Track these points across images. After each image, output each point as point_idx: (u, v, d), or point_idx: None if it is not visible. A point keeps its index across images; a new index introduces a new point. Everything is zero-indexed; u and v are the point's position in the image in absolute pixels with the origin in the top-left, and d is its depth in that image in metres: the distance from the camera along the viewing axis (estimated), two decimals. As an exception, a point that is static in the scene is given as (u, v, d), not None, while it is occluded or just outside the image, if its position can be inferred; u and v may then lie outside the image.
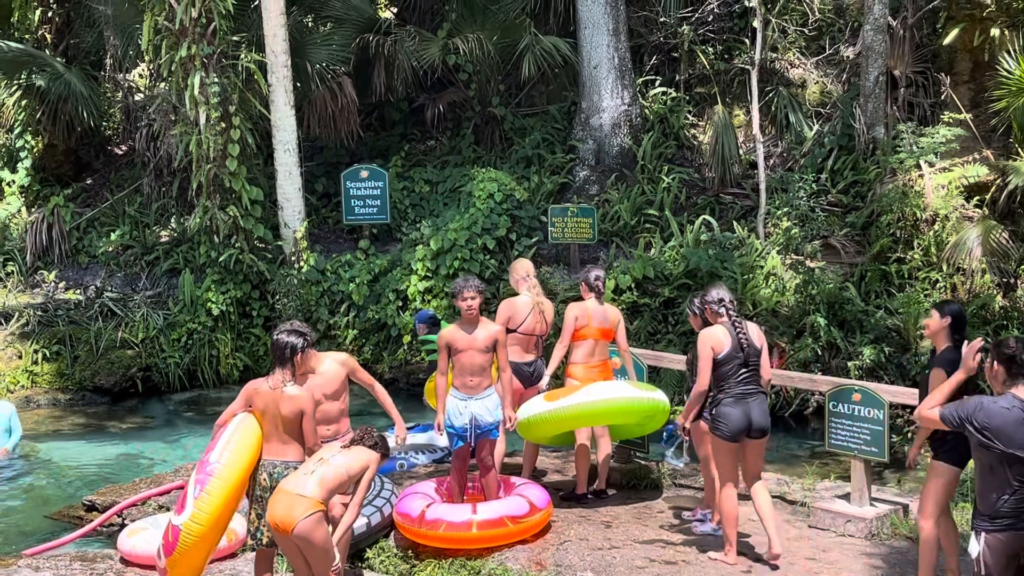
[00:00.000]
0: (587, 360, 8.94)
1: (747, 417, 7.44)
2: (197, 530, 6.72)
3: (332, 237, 16.76)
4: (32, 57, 17.19)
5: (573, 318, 8.91)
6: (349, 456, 6.71)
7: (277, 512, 6.48)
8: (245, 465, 6.88)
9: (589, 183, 16.17)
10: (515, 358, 9.14)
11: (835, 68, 16.15)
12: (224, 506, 6.81)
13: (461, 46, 16.32)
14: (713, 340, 7.53)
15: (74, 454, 12.47)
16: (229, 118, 15.04)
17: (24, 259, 16.64)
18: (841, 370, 12.48)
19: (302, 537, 6.46)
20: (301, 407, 6.80)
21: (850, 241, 14.02)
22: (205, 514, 6.72)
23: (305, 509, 6.44)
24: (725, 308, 7.64)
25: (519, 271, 9.48)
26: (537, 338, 9.31)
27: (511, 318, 9.17)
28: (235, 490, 6.85)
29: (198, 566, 6.98)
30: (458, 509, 7.99)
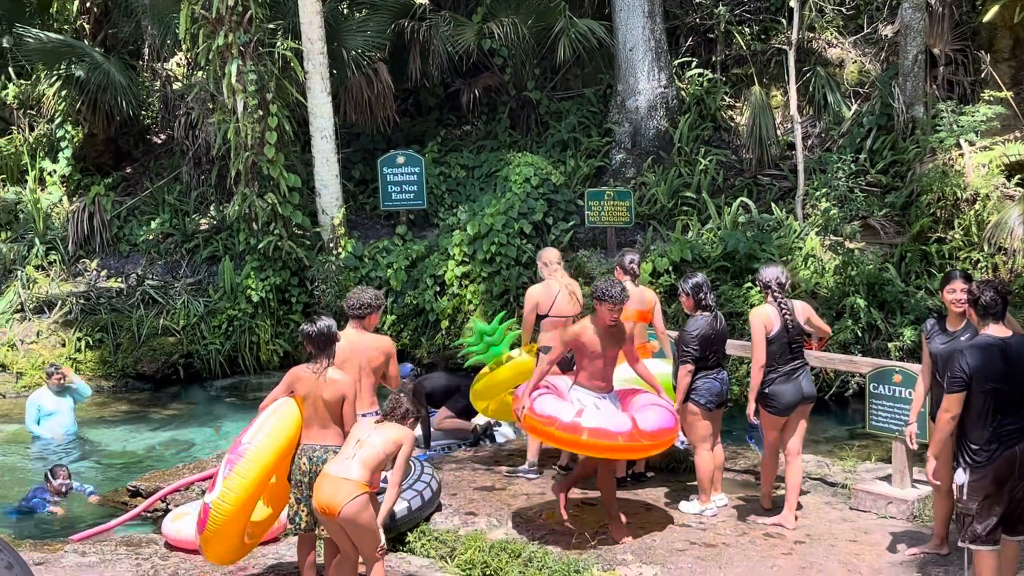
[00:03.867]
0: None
1: (799, 391, 7.94)
2: (225, 509, 6.82)
3: (369, 223, 16.82)
4: (71, 48, 17.35)
5: None
6: (383, 434, 6.73)
7: (323, 496, 6.54)
8: (278, 448, 6.95)
9: (625, 166, 16.13)
10: (551, 343, 9.19)
11: (873, 47, 16.00)
12: (253, 487, 6.90)
13: (496, 30, 16.30)
14: (765, 318, 7.97)
15: (118, 440, 12.64)
16: (266, 106, 15.11)
17: (66, 248, 16.80)
18: (881, 351, 12.41)
19: (348, 520, 6.51)
20: (343, 392, 6.86)
21: (889, 221, 13.91)
22: (233, 494, 6.82)
23: (350, 492, 6.49)
24: (771, 290, 8.05)
25: (543, 258, 9.63)
26: (572, 320, 9.29)
27: (539, 304, 9.28)
28: (265, 472, 6.94)
29: (231, 544, 7.09)
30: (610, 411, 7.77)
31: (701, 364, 8.12)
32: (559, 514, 8.10)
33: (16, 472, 11.55)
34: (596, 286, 7.75)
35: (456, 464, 9.96)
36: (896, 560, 7.42)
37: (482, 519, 8.40)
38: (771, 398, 7.93)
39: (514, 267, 14.59)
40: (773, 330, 7.89)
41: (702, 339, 8.16)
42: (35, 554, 8.05)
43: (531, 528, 8.18)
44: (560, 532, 8.05)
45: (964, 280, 7.14)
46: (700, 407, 8.14)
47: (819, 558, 7.49)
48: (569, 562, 7.41)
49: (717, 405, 8.20)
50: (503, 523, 8.32)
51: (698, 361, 8.11)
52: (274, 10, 15.91)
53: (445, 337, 14.63)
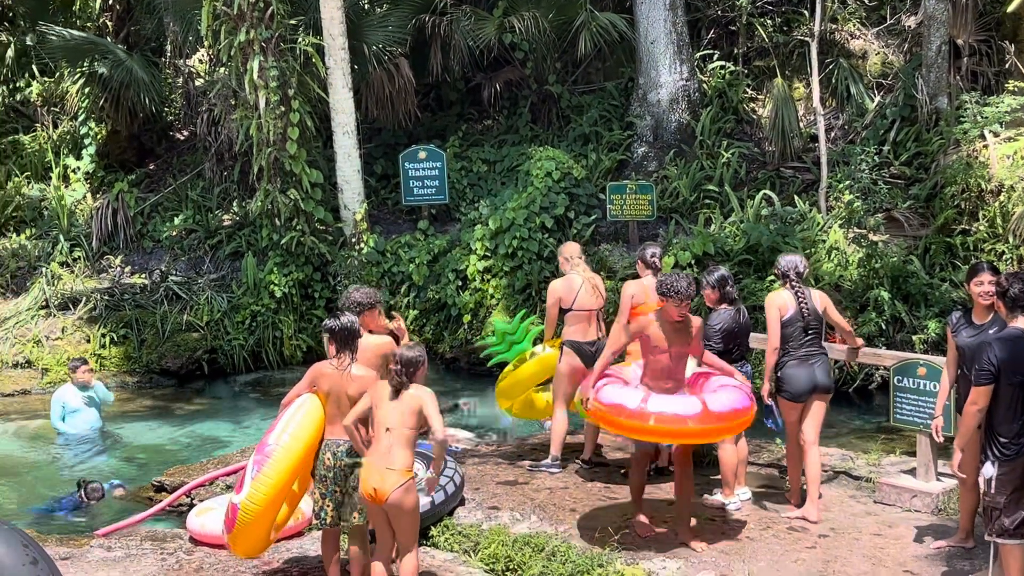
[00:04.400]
0: None
1: (812, 378, 7.95)
2: (253, 509, 6.88)
3: (391, 218, 16.85)
4: (94, 45, 17.44)
5: (630, 295, 8.98)
6: (400, 409, 6.66)
7: (370, 483, 6.59)
8: (303, 446, 6.97)
9: (647, 159, 16.08)
10: (577, 337, 9.32)
11: (896, 38, 15.90)
12: (280, 486, 6.94)
13: (517, 25, 16.28)
14: (780, 302, 8.10)
15: (143, 435, 12.69)
16: (288, 102, 15.15)
17: (90, 244, 16.89)
18: (906, 344, 12.35)
19: (395, 505, 6.57)
20: (366, 387, 6.86)
21: (913, 213, 13.83)
22: (261, 494, 6.87)
23: (396, 480, 6.55)
24: (788, 277, 8.14)
25: (563, 253, 9.65)
26: (595, 314, 9.38)
27: (562, 298, 9.32)
28: (291, 471, 6.97)
29: (258, 541, 7.14)
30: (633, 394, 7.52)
31: (724, 358, 8.10)
32: (647, 527, 7.90)
33: (41, 468, 11.62)
34: (661, 281, 7.49)
35: (479, 459, 9.98)
36: (921, 553, 7.39)
37: (505, 513, 8.41)
38: (784, 382, 8.05)
39: (536, 261, 14.58)
40: (787, 313, 8.03)
41: (725, 333, 8.20)
42: (61, 549, 8.11)
43: (554, 522, 8.18)
44: (583, 526, 8.05)
45: (992, 272, 7.10)
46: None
47: (843, 551, 7.47)
48: (592, 556, 7.41)
49: None
50: (526, 517, 8.32)
51: (721, 355, 8.09)
52: (295, 6, 15.93)
53: (467, 332, 14.64)
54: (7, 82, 19.84)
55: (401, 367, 6.67)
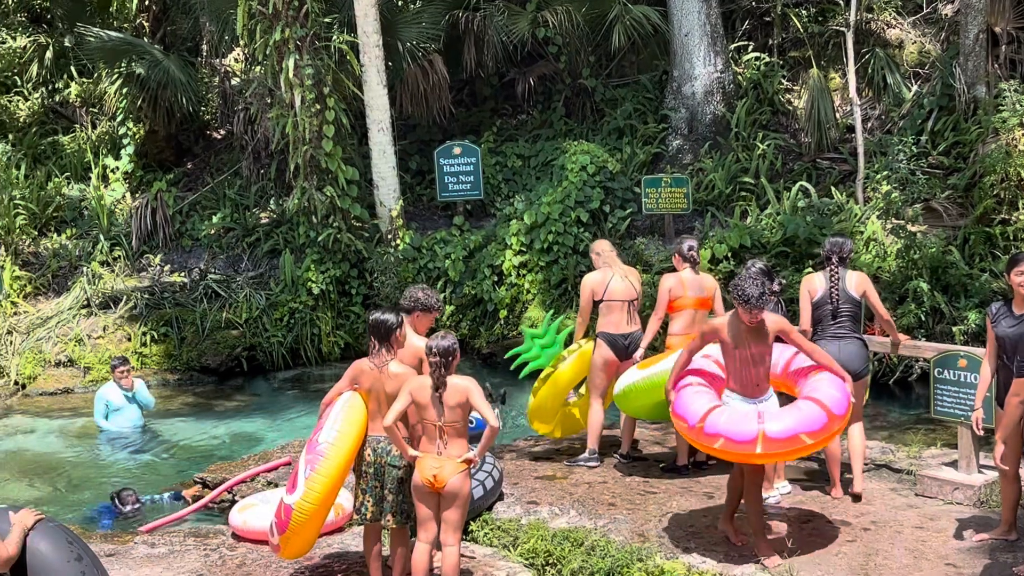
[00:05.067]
0: (686, 331, 8.95)
1: (837, 355, 7.84)
2: (308, 508, 6.93)
3: (427, 214, 16.90)
4: (131, 46, 17.61)
5: (667, 289, 8.98)
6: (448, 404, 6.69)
7: (429, 472, 6.67)
8: (351, 444, 7.03)
9: (682, 152, 16.05)
10: (611, 330, 9.29)
11: (933, 27, 15.77)
12: (333, 484, 7.00)
13: (550, 19, 16.29)
14: (809, 283, 8.25)
15: (184, 433, 12.82)
16: (323, 99, 15.23)
17: (130, 244, 17.04)
18: (946, 335, 12.25)
19: (452, 492, 6.67)
20: (399, 384, 6.89)
21: (952, 204, 13.71)
22: (315, 493, 6.92)
23: (454, 468, 6.66)
24: (830, 260, 8.23)
25: (595, 249, 9.65)
26: (630, 304, 9.33)
27: (594, 290, 9.33)
28: (342, 469, 7.02)
29: (309, 541, 7.21)
30: (743, 418, 7.15)
31: None
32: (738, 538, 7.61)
33: (85, 466, 11.77)
34: (735, 285, 7.19)
35: (516, 453, 10.01)
36: (963, 546, 7.34)
37: (544, 508, 8.43)
38: None
39: (572, 256, 14.59)
40: (816, 295, 8.13)
41: None
42: (105, 546, 8.21)
43: (593, 516, 8.20)
44: (623, 520, 8.05)
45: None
46: None
47: (885, 545, 7.43)
48: (632, 550, 7.41)
49: None
50: (565, 511, 8.34)
51: None
52: (329, 4, 16.04)
53: (503, 327, 14.67)
54: (46, 83, 20.07)
55: (440, 357, 6.70)
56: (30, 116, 19.62)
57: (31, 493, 11.06)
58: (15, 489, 11.18)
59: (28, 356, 15.12)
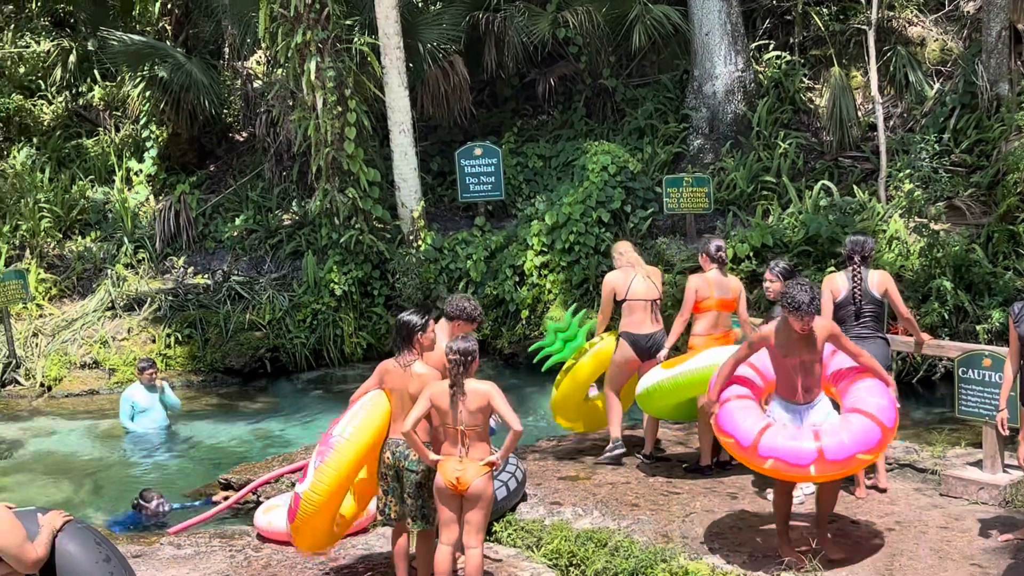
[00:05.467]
0: (710, 332, 8.99)
1: None
2: (316, 499, 7.01)
3: (448, 215, 16.94)
4: (154, 49, 17.70)
5: (694, 290, 8.98)
6: (468, 409, 6.72)
7: (451, 474, 6.71)
8: (367, 441, 7.07)
9: (703, 152, 16.03)
10: (633, 329, 9.35)
11: (955, 24, 15.69)
12: (342, 478, 7.05)
13: (571, 19, 16.29)
14: (833, 284, 8.27)
15: (208, 434, 12.90)
16: (345, 102, 15.28)
17: (154, 246, 17.13)
18: (969, 334, 12.21)
19: (475, 495, 6.72)
20: (421, 385, 6.91)
21: (975, 202, 13.65)
22: (323, 484, 6.99)
23: (477, 470, 6.70)
24: (852, 259, 8.28)
25: (617, 250, 9.76)
26: (652, 304, 9.36)
27: (616, 289, 9.39)
28: (353, 464, 7.08)
29: (320, 535, 7.26)
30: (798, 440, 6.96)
31: None
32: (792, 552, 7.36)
33: (111, 468, 11.88)
34: (785, 291, 7.04)
35: (540, 454, 10.04)
36: (988, 546, 7.33)
37: (568, 508, 8.46)
38: None
39: (593, 256, 14.59)
40: (840, 296, 8.16)
41: None
42: (132, 547, 8.29)
43: (616, 517, 8.22)
44: (646, 520, 8.07)
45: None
46: None
47: (909, 545, 7.43)
48: (656, 551, 7.43)
49: None
50: (588, 512, 8.36)
51: None
52: (350, 6, 16.06)
53: (525, 327, 14.68)
54: (70, 87, 20.19)
55: (459, 356, 6.73)
56: (54, 120, 19.75)
57: (57, 494, 11.16)
58: (41, 490, 11.28)
59: (53, 358, 15.23)
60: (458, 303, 7.84)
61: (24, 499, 10.48)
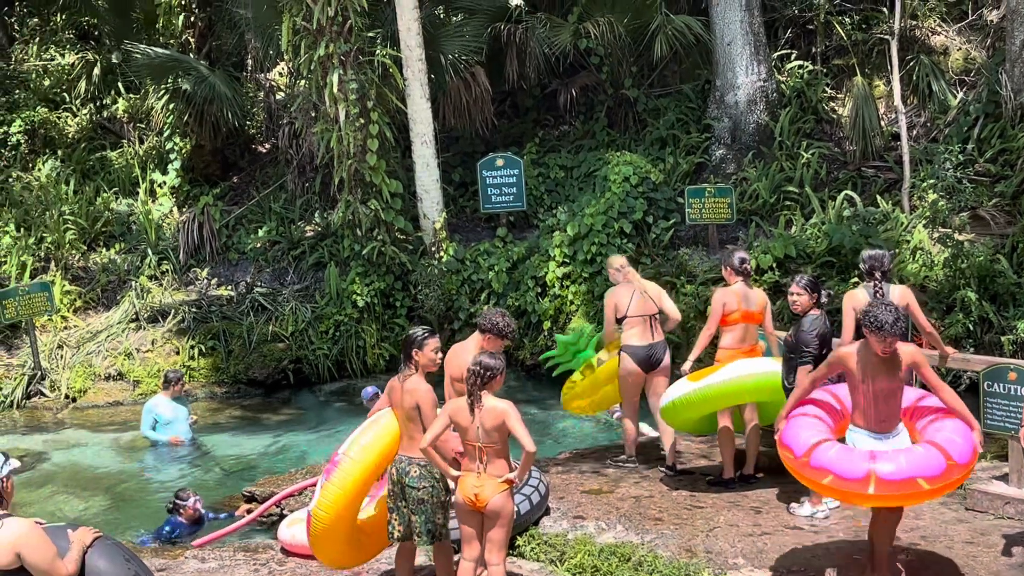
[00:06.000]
0: (737, 345, 9.05)
1: None
2: (323, 517, 7.11)
3: (470, 226, 16.96)
4: (178, 62, 17.80)
5: (721, 304, 9.02)
6: (484, 427, 6.71)
7: (470, 490, 6.74)
8: (371, 459, 7.16)
9: (726, 162, 15.99)
10: (633, 342, 9.56)
11: (978, 33, 15.61)
12: (348, 496, 7.12)
13: (592, 30, 16.29)
14: (855, 300, 8.21)
15: (232, 446, 12.95)
16: (367, 114, 15.32)
17: (178, 258, 17.22)
18: (994, 345, 12.14)
19: (494, 512, 6.71)
20: (416, 400, 6.89)
21: (1000, 211, 13.58)
22: (328, 502, 7.08)
23: (495, 487, 6.70)
24: (872, 275, 8.27)
25: (611, 265, 10.04)
26: (651, 319, 9.58)
27: (618, 305, 9.59)
28: (359, 482, 7.15)
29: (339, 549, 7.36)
30: (854, 456, 6.67)
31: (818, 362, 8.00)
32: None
33: (136, 480, 11.95)
34: (866, 312, 6.71)
35: (562, 467, 10.03)
36: (1015, 562, 7.28)
37: (591, 522, 8.45)
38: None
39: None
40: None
41: (821, 337, 8.10)
42: (157, 560, 8.33)
43: (640, 531, 8.20)
44: (670, 535, 8.05)
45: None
46: None
47: (935, 559, 7.38)
48: (680, 566, 7.42)
49: None
50: (612, 526, 8.35)
51: (817, 360, 8.00)
52: (373, 19, 16.11)
53: (548, 338, 14.67)
54: (94, 99, 20.34)
55: (480, 369, 6.72)
56: (78, 132, 19.89)
57: (82, 506, 11.23)
58: (67, 502, 11.35)
59: (78, 370, 15.33)
60: (491, 317, 7.85)
61: (49, 511, 10.59)
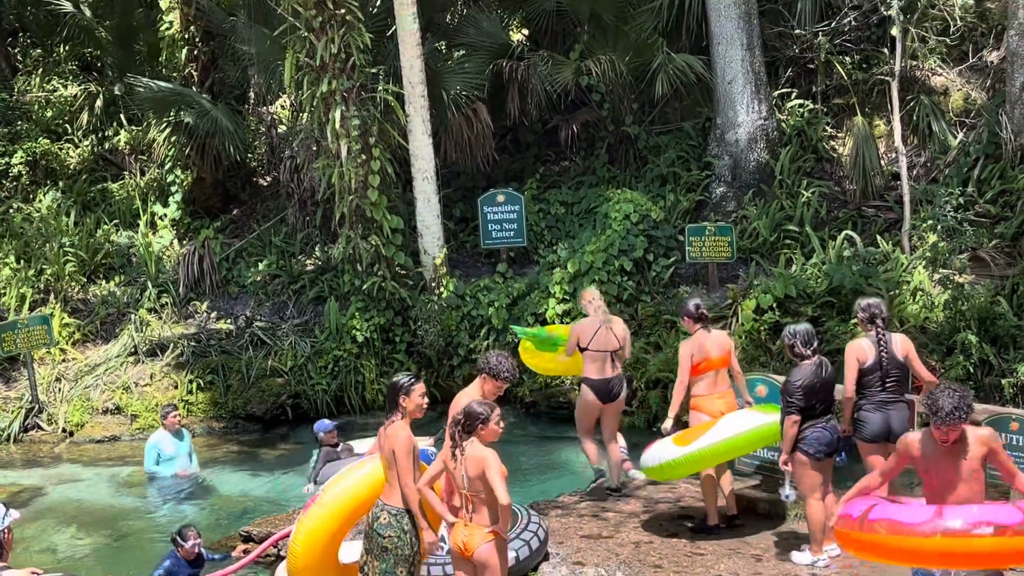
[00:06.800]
0: (711, 391, 9.17)
1: (887, 423, 7.97)
2: (297, 552, 7.31)
3: (470, 261, 16.96)
4: (180, 95, 17.84)
5: (688, 355, 9.14)
6: (467, 475, 6.68)
7: (459, 538, 6.75)
8: (346, 503, 7.35)
9: (726, 200, 16.01)
10: (592, 375, 9.99)
11: (979, 75, 15.66)
12: (321, 537, 7.31)
13: (594, 68, 16.35)
14: (858, 350, 8.14)
15: (230, 483, 12.90)
16: (369, 150, 15.35)
17: (177, 291, 17.19)
18: (994, 388, 12.12)
19: (481, 562, 6.71)
20: (391, 447, 6.88)
21: (1000, 253, 13.58)
22: (302, 537, 7.28)
23: (480, 538, 6.68)
24: (874, 322, 8.18)
25: (584, 297, 10.45)
26: (611, 355, 9.96)
27: (580, 337, 10.00)
28: (335, 522, 7.33)
29: None
30: (917, 510, 6.23)
31: (808, 414, 8.04)
32: None
33: (134, 517, 11.88)
34: (929, 398, 6.28)
35: (562, 510, 9.98)
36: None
37: (590, 569, 8.41)
38: (859, 423, 8.10)
39: (615, 304, 14.54)
40: (867, 362, 8.08)
41: (806, 389, 8.08)
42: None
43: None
44: (669, 583, 8.01)
45: None
46: (809, 457, 8.06)
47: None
48: (679, 615, 7.37)
49: (827, 454, 8.09)
50: (611, 573, 8.30)
51: (804, 411, 8.02)
52: (376, 55, 16.16)
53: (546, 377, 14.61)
54: (96, 131, 20.39)
55: (463, 417, 6.73)
56: (80, 163, 19.93)
57: (80, 543, 11.19)
58: (64, 539, 11.31)
59: (76, 403, 15.29)
60: (488, 357, 7.88)
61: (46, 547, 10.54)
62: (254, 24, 17.15)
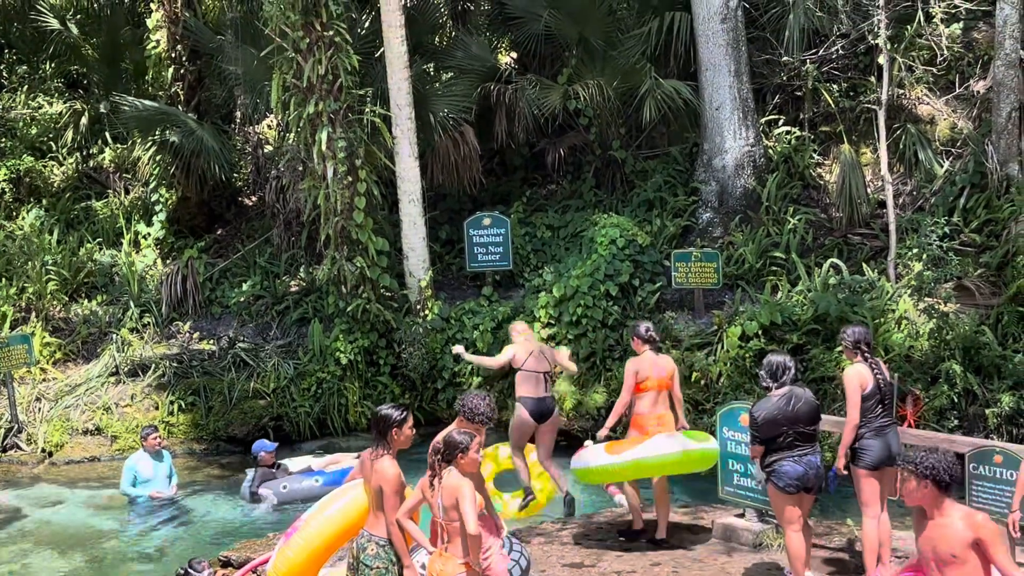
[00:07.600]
0: (651, 410, 9.47)
1: (887, 448, 7.93)
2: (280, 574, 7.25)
3: (455, 284, 16.90)
4: (166, 114, 17.78)
5: (633, 373, 9.49)
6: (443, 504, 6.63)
7: (436, 568, 6.71)
8: (329, 531, 7.32)
9: (712, 225, 16.00)
10: (527, 394, 10.85)
11: (965, 104, 15.71)
12: (300, 562, 7.31)
13: (582, 93, 16.35)
14: (860, 377, 8.08)
15: (210, 505, 12.77)
16: (355, 172, 15.29)
17: (160, 311, 17.07)
18: (978, 418, 12.11)
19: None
20: (379, 482, 6.80)
21: (985, 282, 13.59)
22: (283, 565, 7.29)
23: (453, 570, 6.63)
24: (861, 350, 8.15)
25: (513, 328, 11.49)
26: (543, 375, 10.89)
27: (515, 358, 10.99)
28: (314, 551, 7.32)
29: None
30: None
31: (773, 445, 7.92)
32: None
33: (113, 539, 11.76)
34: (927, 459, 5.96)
35: (544, 538, 9.90)
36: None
37: (572, 598, 8.32)
38: (860, 451, 8.01)
39: (600, 329, 14.53)
40: (868, 388, 8.04)
41: (766, 421, 7.91)
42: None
43: (622, 609, 8.08)
44: (651, 614, 7.93)
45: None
46: (779, 490, 7.92)
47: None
48: (661, 648, 7.30)
49: (800, 489, 7.89)
50: (593, 603, 8.22)
51: (767, 442, 7.93)
52: (363, 77, 16.13)
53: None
54: (81, 149, 20.32)
55: (443, 446, 6.72)
56: (64, 181, 19.84)
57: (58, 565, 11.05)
58: (43, 562, 11.17)
59: (56, 424, 15.15)
60: (464, 399, 7.84)
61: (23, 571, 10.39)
62: (241, 44, 17.13)
